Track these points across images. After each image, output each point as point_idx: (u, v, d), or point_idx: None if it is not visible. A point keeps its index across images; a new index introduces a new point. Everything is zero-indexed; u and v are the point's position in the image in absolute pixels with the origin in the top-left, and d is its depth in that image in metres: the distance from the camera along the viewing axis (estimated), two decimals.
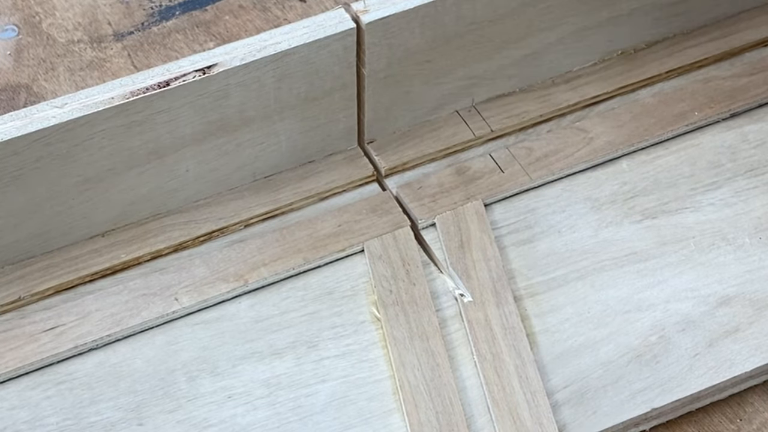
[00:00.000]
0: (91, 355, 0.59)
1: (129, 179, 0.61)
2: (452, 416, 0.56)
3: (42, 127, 0.56)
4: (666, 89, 0.70)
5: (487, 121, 0.68)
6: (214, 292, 0.60)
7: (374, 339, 0.59)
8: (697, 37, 0.72)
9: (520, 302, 0.60)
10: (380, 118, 0.66)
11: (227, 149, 0.63)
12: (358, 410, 0.57)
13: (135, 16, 0.76)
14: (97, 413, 0.57)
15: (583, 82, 0.70)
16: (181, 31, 0.75)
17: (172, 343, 0.59)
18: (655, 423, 0.57)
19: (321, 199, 0.65)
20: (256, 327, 0.60)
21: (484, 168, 0.66)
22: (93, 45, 0.74)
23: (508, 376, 0.57)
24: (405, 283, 0.61)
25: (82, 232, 0.62)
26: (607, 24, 0.69)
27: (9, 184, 0.58)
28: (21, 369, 0.58)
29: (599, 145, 0.66)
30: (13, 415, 0.56)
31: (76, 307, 0.60)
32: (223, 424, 0.56)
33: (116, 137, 0.59)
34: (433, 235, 0.63)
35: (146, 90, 0.58)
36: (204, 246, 0.63)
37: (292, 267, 0.61)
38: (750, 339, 0.58)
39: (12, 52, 0.74)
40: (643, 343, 0.58)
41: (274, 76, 0.60)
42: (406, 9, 0.61)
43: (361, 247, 0.62)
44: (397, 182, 0.66)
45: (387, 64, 0.63)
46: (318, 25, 0.60)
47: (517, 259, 0.62)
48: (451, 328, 0.60)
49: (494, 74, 0.68)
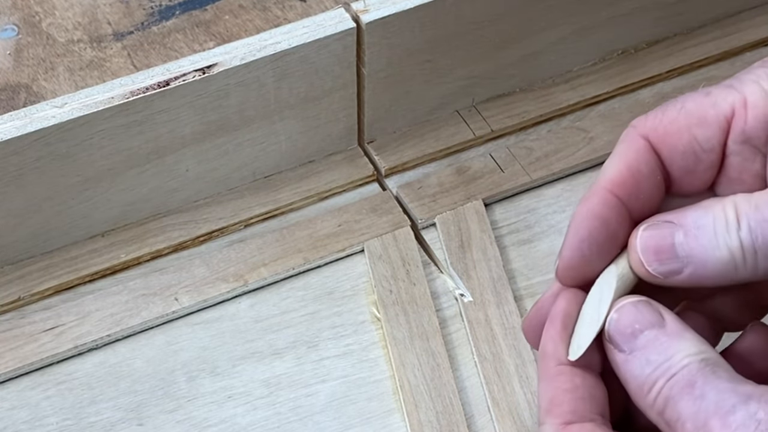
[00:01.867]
0: (91, 355, 0.59)
1: (129, 179, 0.61)
2: (452, 416, 0.56)
3: (42, 127, 0.56)
4: (666, 89, 0.70)
5: (487, 121, 0.68)
6: (214, 292, 0.60)
7: (374, 339, 0.59)
8: (697, 37, 0.72)
9: (520, 302, 0.60)
10: (380, 118, 0.66)
11: (227, 149, 0.63)
12: (358, 410, 0.57)
13: (135, 15, 0.76)
14: (97, 413, 0.57)
15: (583, 81, 0.70)
16: (181, 31, 0.75)
17: (172, 343, 0.59)
18: None
19: (321, 199, 0.65)
20: (256, 327, 0.60)
21: (484, 168, 0.66)
22: (93, 45, 0.74)
23: (508, 376, 0.57)
24: (405, 283, 0.61)
25: (81, 232, 0.62)
26: (607, 24, 0.69)
27: (9, 184, 0.58)
28: (21, 369, 0.58)
29: (599, 145, 0.66)
30: (12, 415, 0.56)
31: (76, 307, 0.60)
32: (223, 424, 0.56)
33: (116, 137, 0.59)
34: (433, 235, 0.63)
35: (146, 90, 0.58)
36: (204, 246, 0.63)
37: (292, 267, 0.61)
38: None
39: (12, 52, 0.74)
40: None
41: (274, 76, 0.60)
42: (406, 9, 0.61)
43: (361, 247, 0.62)
44: (397, 182, 0.66)
45: (387, 63, 0.63)
46: (318, 25, 0.60)
47: (517, 259, 0.62)
48: (451, 328, 0.60)
49: (494, 74, 0.68)
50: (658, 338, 0.43)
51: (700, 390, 0.41)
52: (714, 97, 0.45)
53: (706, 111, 0.45)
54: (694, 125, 0.45)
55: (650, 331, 0.43)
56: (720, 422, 0.40)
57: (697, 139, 0.45)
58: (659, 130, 0.46)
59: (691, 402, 0.41)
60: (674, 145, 0.46)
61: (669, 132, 0.46)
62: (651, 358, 0.43)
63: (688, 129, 0.46)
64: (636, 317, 0.44)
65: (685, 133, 0.46)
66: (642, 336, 0.43)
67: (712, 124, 0.45)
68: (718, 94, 0.45)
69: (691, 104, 0.46)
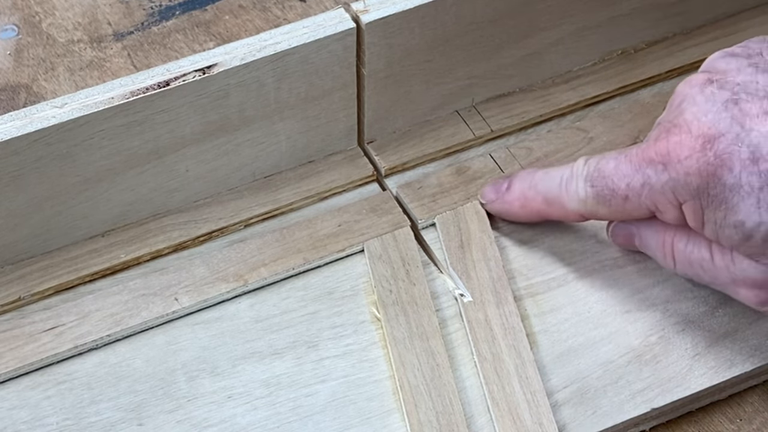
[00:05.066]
0: (91, 355, 0.59)
1: (129, 179, 0.61)
2: (452, 416, 0.56)
3: (42, 127, 0.56)
4: (666, 89, 0.70)
5: (487, 121, 0.68)
6: (214, 292, 0.60)
7: (374, 339, 0.59)
8: (697, 37, 0.72)
9: (520, 302, 0.60)
10: (380, 118, 0.66)
11: (227, 149, 0.63)
12: (358, 410, 0.57)
13: (135, 15, 0.76)
14: (97, 413, 0.57)
15: (583, 82, 0.70)
16: (181, 31, 0.75)
17: (172, 343, 0.59)
18: (654, 423, 0.57)
19: (321, 199, 0.65)
20: (256, 327, 0.60)
21: (484, 168, 0.66)
22: (93, 45, 0.74)
23: (508, 376, 0.57)
24: (405, 283, 0.61)
25: (82, 232, 0.62)
26: (607, 24, 0.69)
27: (9, 184, 0.58)
28: (21, 369, 0.58)
29: (599, 145, 0.66)
30: (13, 415, 0.56)
31: (76, 307, 0.60)
32: (223, 424, 0.56)
33: (116, 137, 0.59)
34: (433, 235, 0.63)
35: (146, 90, 0.58)
36: (204, 246, 0.63)
37: (292, 267, 0.61)
38: (750, 339, 0.59)
39: (12, 52, 0.74)
40: (643, 343, 0.58)
41: (274, 76, 0.60)
42: (406, 9, 0.61)
43: (361, 247, 0.62)
44: (397, 182, 0.66)
45: (387, 64, 0.63)
46: (318, 25, 0.60)
47: (517, 259, 0.62)
48: (451, 328, 0.60)
49: (494, 74, 0.68)
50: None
51: None
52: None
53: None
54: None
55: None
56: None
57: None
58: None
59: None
60: None
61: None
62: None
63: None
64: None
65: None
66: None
67: None
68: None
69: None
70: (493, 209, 0.63)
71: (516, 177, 0.61)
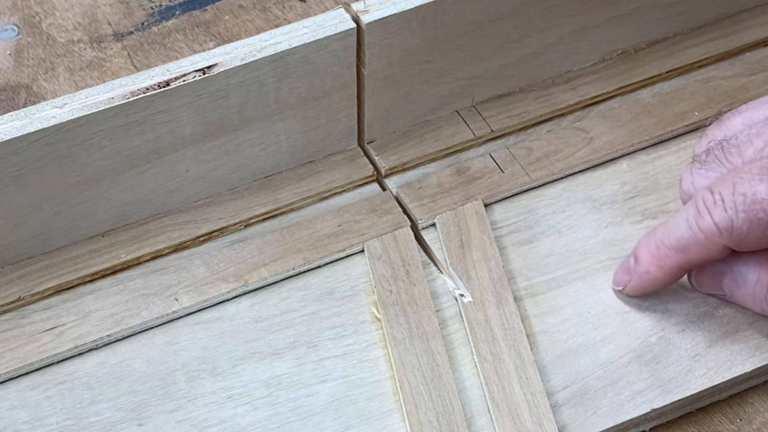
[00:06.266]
0: (91, 355, 0.59)
1: (129, 179, 0.61)
2: (452, 416, 0.56)
3: (42, 127, 0.56)
4: (666, 89, 0.70)
5: (487, 121, 0.68)
6: (214, 292, 0.60)
7: (374, 339, 0.59)
8: (697, 37, 0.72)
9: (520, 302, 0.60)
10: (380, 118, 0.66)
11: (227, 149, 0.63)
12: (358, 410, 0.57)
13: (135, 16, 0.76)
14: (97, 413, 0.57)
15: (583, 82, 0.70)
16: (181, 31, 0.75)
17: (172, 343, 0.59)
18: (655, 423, 0.57)
19: (321, 199, 0.65)
20: (256, 327, 0.60)
21: (484, 168, 0.66)
22: (93, 45, 0.74)
23: (508, 377, 0.57)
24: (405, 283, 0.61)
25: (82, 232, 0.62)
26: (607, 24, 0.69)
27: (9, 184, 0.58)
28: (21, 369, 0.58)
29: (599, 145, 0.66)
30: (13, 415, 0.56)
31: (76, 307, 0.60)
32: (223, 424, 0.56)
33: (116, 137, 0.59)
34: (433, 235, 0.63)
35: (146, 90, 0.58)
36: (204, 246, 0.63)
37: (292, 267, 0.61)
38: (750, 339, 0.58)
39: (12, 52, 0.74)
40: (643, 344, 0.58)
41: (274, 76, 0.60)
42: (406, 9, 0.61)
43: (361, 247, 0.62)
44: (397, 182, 0.66)
45: (387, 64, 0.63)
46: (318, 25, 0.60)
47: (517, 259, 0.62)
48: (451, 329, 0.60)
49: (494, 74, 0.68)
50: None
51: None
52: None
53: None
54: None
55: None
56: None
57: None
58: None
59: None
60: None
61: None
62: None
63: None
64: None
65: None
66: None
67: None
68: None
69: None
70: (634, 288, 0.59)
71: (637, 247, 0.59)
